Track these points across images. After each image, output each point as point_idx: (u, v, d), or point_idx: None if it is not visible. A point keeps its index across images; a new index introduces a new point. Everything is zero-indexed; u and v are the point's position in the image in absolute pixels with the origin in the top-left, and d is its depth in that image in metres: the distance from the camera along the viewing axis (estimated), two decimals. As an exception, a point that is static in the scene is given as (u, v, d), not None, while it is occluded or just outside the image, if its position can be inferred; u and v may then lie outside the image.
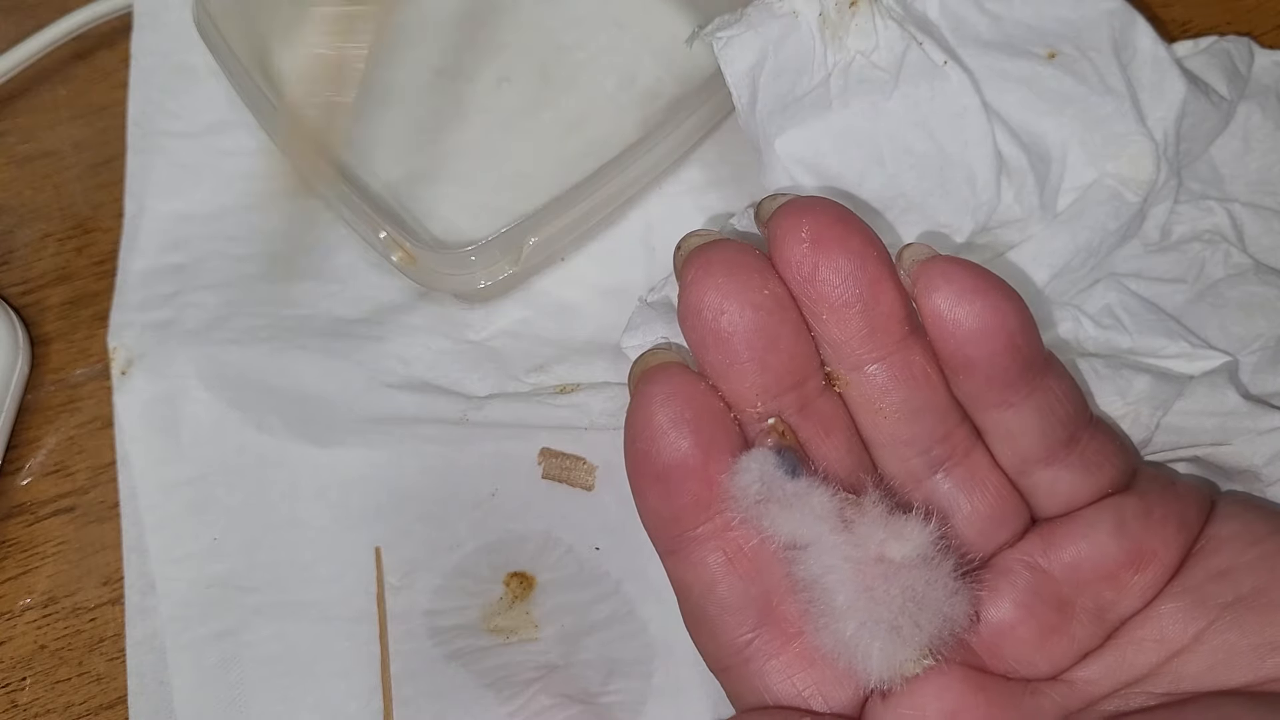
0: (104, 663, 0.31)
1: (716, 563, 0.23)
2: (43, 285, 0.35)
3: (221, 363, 0.33)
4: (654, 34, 0.38)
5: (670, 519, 0.23)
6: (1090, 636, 0.24)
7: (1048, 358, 0.24)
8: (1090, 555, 0.24)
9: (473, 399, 0.33)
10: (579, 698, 0.30)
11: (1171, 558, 0.24)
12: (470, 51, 0.38)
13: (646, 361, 0.24)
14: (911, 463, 0.24)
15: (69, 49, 0.39)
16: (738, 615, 0.23)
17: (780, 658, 0.23)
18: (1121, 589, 0.24)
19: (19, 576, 0.32)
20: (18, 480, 0.33)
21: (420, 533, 0.32)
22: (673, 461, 0.23)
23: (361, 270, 0.35)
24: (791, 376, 0.23)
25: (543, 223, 0.32)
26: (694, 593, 0.24)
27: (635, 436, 0.23)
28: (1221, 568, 0.24)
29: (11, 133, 0.38)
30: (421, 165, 0.37)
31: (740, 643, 0.23)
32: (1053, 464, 0.25)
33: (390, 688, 0.30)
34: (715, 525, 0.23)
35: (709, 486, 0.23)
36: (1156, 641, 0.24)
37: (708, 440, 0.23)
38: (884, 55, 0.32)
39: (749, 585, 0.23)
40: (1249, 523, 0.25)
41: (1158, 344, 0.31)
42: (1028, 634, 0.24)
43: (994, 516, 0.25)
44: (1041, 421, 0.24)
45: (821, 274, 0.23)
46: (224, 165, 0.36)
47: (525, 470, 0.32)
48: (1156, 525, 0.24)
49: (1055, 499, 0.25)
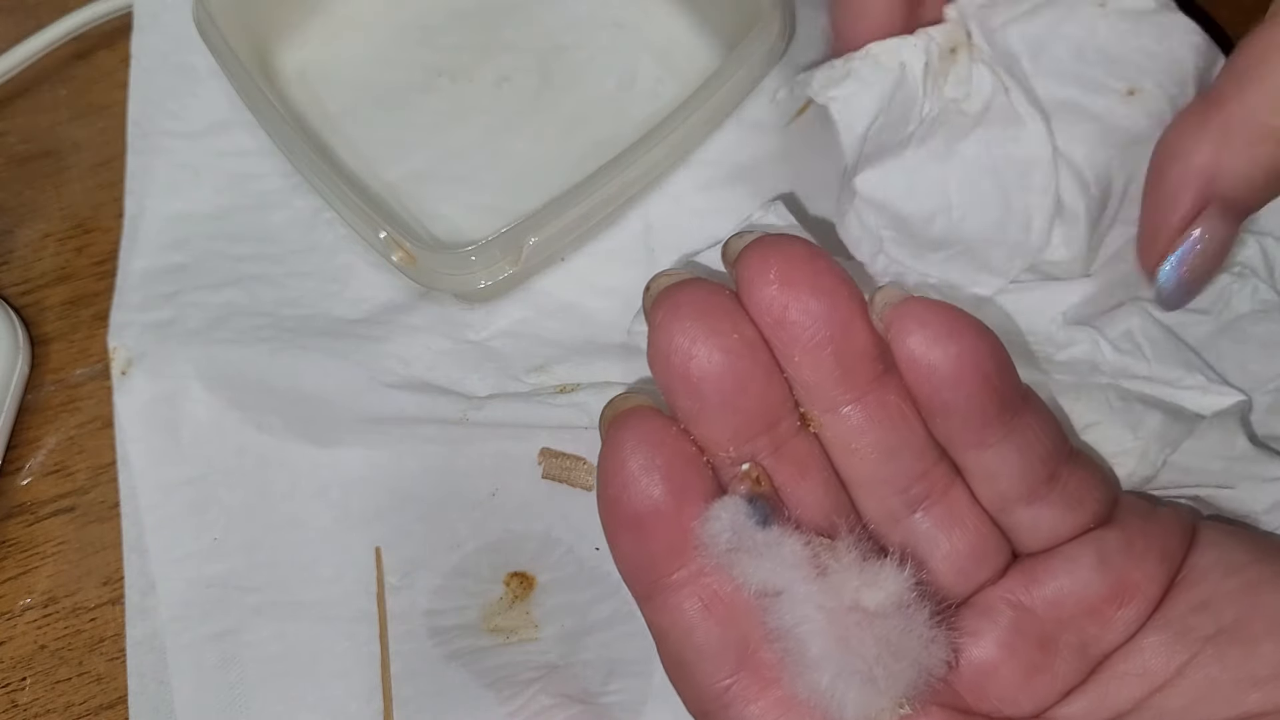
0: (104, 663, 0.31)
1: (692, 609, 0.23)
2: (43, 285, 0.36)
3: (221, 363, 0.33)
4: (654, 34, 0.38)
5: (645, 565, 0.23)
6: (1073, 673, 0.24)
7: (1025, 394, 0.24)
8: (1073, 591, 0.24)
9: (473, 399, 0.33)
10: (579, 698, 0.30)
11: (1154, 590, 0.24)
12: (470, 51, 0.38)
13: (617, 406, 0.23)
14: (890, 502, 0.24)
15: (69, 49, 0.39)
16: (715, 661, 0.23)
17: (759, 703, 0.23)
18: (1105, 624, 0.24)
19: (19, 576, 0.32)
20: (18, 480, 0.33)
21: (420, 533, 0.32)
22: (645, 508, 0.22)
23: (361, 270, 0.35)
24: (764, 419, 0.23)
25: (543, 223, 0.32)
26: (671, 638, 0.23)
27: (607, 483, 0.23)
28: (1202, 599, 0.24)
29: (11, 133, 0.38)
30: (421, 165, 0.37)
31: (719, 688, 0.23)
32: (1034, 502, 0.24)
33: (390, 688, 0.30)
34: (690, 571, 0.23)
35: (682, 533, 0.23)
36: (1139, 676, 0.24)
37: (680, 486, 0.23)
38: (974, 102, 0.32)
39: (726, 631, 0.23)
40: (1228, 551, 0.25)
41: (1175, 375, 0.30)
42: (1011, 673, 0.24)
43: (974, 554, 0.24)
44: (1021, 460, 0.24)
45: (791, 316, 0.22)
46: (224, 165, 0.36)
47: (525, 470, 0.32)
48: (1138, 558, 0.24)
49: (1037, 536, 0.25)
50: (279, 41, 0.38)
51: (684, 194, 0.36)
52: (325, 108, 0.37)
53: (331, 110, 0.37)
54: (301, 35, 0.38)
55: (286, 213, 0.36)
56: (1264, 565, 0.24)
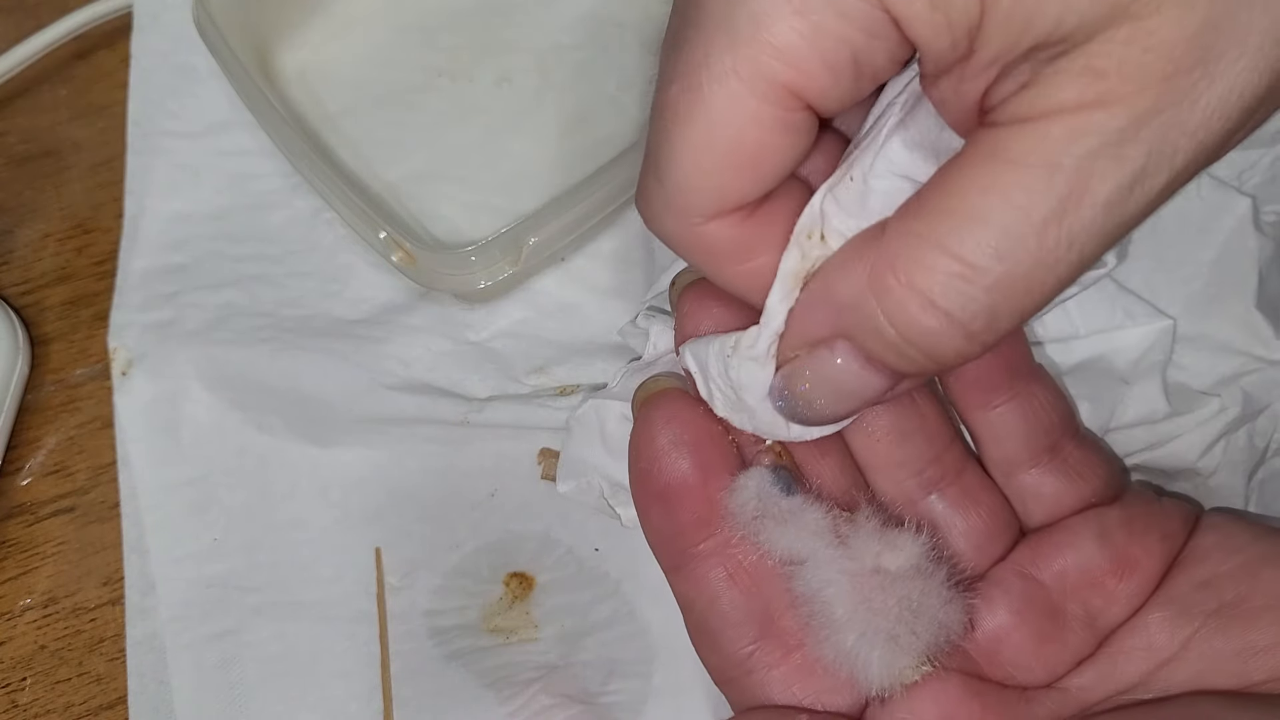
0: (104, 663, 0.31)
1: (718, 578, 0.24)
2: (43, 285, 0.35)
3: (222, 363, 0.33)
4: (654, 34, 0.38)
5: (672, 536, 0.24)
6: (1083, 643, 0.25)
7: (1035, 369, 0.26)
8: (1076, 563, 0.25)
9: (473, 400, 0.33)
10: (579, 698, 0.30)
11: (1154, 566, 0.25)
12: (470, 51, 0.38)
13: (649, 388, 0.25)
14: (905, 484, 0.25)
15: (69, 49, 0.39)
16: (739, 629, 0.24)
17: (781, 669, 0.24)
18: (1108, 596, 0.25)
19: (19, 576, 0.32)
20: (18, 480, 0.33)
21: (420, 533, 0.32)
22: (673, 480, 0.24)
23: (361, 270, 0.35)
24: None
25: (543, 223, 0.32)
26: (697, 607, 0.24)
27: (638, 457, 0.24)
28: (1205, 577, 0.25)
29: (11, 133, 0.38)
30: (421, 165, 0.36)
31: (742, 655, 0.24)
32: (1036, 467, 0.26)
33: (390, 688, 0.30)
34: (716, 542, 0.24)
35: (709, 505, 0.24)
36: (1145, 650, 0.24)
37: (706, 460, 0.24)
38: None
39: (750, 599, 0.24)
40: (1230, 534, 0.25)
41: (1099, 321, 0.30)
42: (1023, 640, 0.25)
43: (988, 532, 0.26)
44: (1025, 425, 0.25)
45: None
46: (224, 165, 0.36)
47: (525, 470, 0.32)
48: (1138, 535, 0.25)
49: (1040, 504, 0.26)
50: (279, 41, 0.38)
51: (684, 194, 0.36)
52: (325, 108, 0.37)
53: (331, 110, 0.37)
54: (301, 35, 0.38)
55: (286, 213, 0.36)
56: (1263, 544, 0.25)
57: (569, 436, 0.31)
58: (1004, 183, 0.18)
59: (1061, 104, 0.17)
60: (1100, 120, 0.17)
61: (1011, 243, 0.18)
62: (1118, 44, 0.17)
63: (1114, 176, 0.18)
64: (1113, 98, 0.17)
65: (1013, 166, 0.18)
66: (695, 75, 0.19)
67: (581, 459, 0.30)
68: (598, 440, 0.30)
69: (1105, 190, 0.18)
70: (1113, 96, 0.17)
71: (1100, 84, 0.17)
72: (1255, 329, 0.31)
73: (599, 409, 0.30)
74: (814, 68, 0.18)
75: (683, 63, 0.19)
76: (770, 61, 0.18)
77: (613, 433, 0.30)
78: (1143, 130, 0.17)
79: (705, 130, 0.19)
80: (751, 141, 0.19)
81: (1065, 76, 0.17)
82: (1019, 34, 0.17)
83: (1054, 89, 0.17)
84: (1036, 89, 0.18)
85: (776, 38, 0.18)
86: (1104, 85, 0.17)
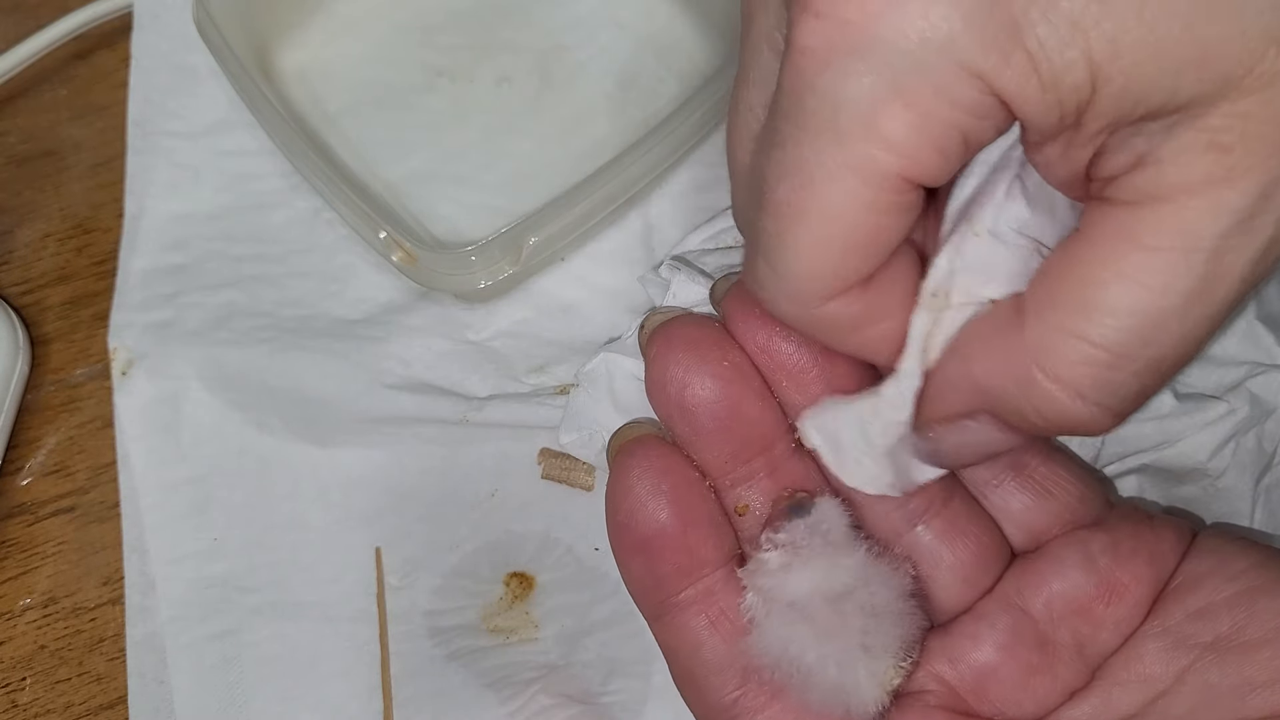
0: (104, 663, 0.31)
1: (700, 626, 0.24)
2: (43, 285, 0.36)
3: (222, 363, 0.33)
4: (654, 34, 0.38)
5: (653, 586, 0.24)
6: (1074, 675, 0.24)
7: None
8: (1061, 590, 0.24)
9: (473, 400, 0.33)
10: (579, 698, 0.30)
11: (1143, 591, 0.24)
12: (470, 51, 0.38)
13: (624, 435, 0.25)
14: (891, 517, 0.25)
15: (69, 49, 0.39)
16: (722, 675, 0.24)
17: (766, 713, 0.24)
18: (1096, 623, 0.24)
19: (19, 576, 0.32)
20: (18, 480, 0.33)
21: (420, 533, 0.32)
22: (652, 531, 0.24)
23: (361, 270, 0.35)
24: (759, 441, 0.24)
25: (543, 223, 0.32)
26: (680, 655, 0.24)
27: (615, 509, 0.24)
28: (1199, 606, 0.24)
29: (11, 133, 0.38)
30: (421, 165, 0.37)
31: (726, 701, 0.24)
32: (1000, 486, 0.25)
33: (390, 688, 0.30)
34: (697, 590, 0.24)
35: (689, 554, 0.24)
36: (1140, 682, 0.24)
37: (685, 508, 0.24)
38: None
39: (731, 645, 0.24)
40: (1226, 558, 0.25)
41: None
42: (1011, 675, 0.24)
43: (977, 564, 0.25)
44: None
45: (775, 344, 0.24)
46: (224, 165, 0.36)
47: (525, 470, 0.32)
48: (1125, 559, 0.25)
49: (1010, 521, 0.26)
50: (279, 41, 0.38)
51: (684, 194, 0.36)
52: (325, 108, 0.37)
53: (331, 110, 0.37)
54: (301, 35, 0.38)
55: (286, 213, 0.36)
56: (1261, 571, 0.24)
57: (577, 389, 0.31)
58: (1143, 268, 0.18)
59: (1189, 183, 0.18)
60: (1231, 198, 0.18)
61: (1155, 329, 0.18)
62: (1237, 117, 0.17)
63: (1248, 250, 0.18)
64: (1239, 172, 0.17)
65: (1150, 252, 0.18)
66: (806, 172, 0.19)
67: (588, 412, 0.30)
68: (606, 395, 0.30)
69: (1240, 264, 0.18)
70: (1239, 171, 0.17)
71: (1227, 159, 0.17)
72: (1257, 339, 0.31)
73: (610, 363, 0.30)
74: (926, 155, 0.18)
75: (790, 160, 0.19)
76: (883, 155, 0.18)
77: (621, 389, 0.30)
78: (1270, 201, 0.18)
79: (821, 225, 0.19)
80: (868, 227, 0.19)
81: (1191, 155, 0.18)
82: (1130, 108, 0.18)
83: (1181, 167, 0.18)
84: (1159, 167, 0.18)
85: (889, 133, 0.18)
86: (1230, 160, 0.17)
